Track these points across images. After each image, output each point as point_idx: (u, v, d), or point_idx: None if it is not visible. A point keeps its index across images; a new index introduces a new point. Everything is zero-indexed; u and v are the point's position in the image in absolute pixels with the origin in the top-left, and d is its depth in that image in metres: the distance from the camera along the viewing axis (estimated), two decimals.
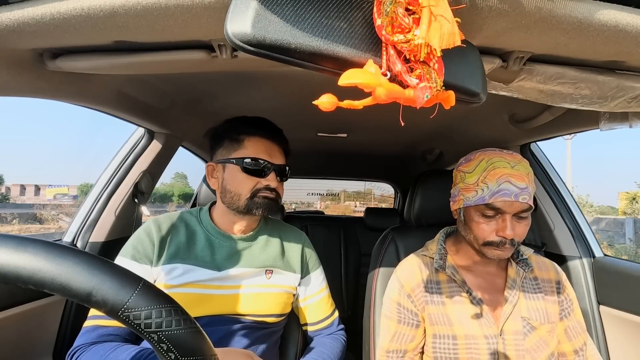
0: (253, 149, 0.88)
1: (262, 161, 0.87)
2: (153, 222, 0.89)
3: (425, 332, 0.92)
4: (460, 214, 0.88)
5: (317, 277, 1.02)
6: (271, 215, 0.94)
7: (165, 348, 0.33)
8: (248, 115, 0.96)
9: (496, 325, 0.85)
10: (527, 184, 0.79)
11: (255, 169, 0.87)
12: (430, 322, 0.91)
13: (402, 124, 0.45)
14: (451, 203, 0.92)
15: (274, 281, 0.92)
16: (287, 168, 0.94)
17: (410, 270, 0.96)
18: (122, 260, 0.83)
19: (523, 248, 0.93)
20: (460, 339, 0.87)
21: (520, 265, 0.89)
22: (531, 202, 0.80)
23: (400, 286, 0.96)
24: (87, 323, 0.77)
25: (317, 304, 1.00)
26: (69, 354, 0.73)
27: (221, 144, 0.91)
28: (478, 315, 0.87)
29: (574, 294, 0.92)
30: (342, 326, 1.04)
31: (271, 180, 0.88)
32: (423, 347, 0.93)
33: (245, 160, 0.86)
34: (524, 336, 0.84)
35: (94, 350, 0.71)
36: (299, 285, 0.99)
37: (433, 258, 0.93)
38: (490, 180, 0.81)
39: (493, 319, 0.86)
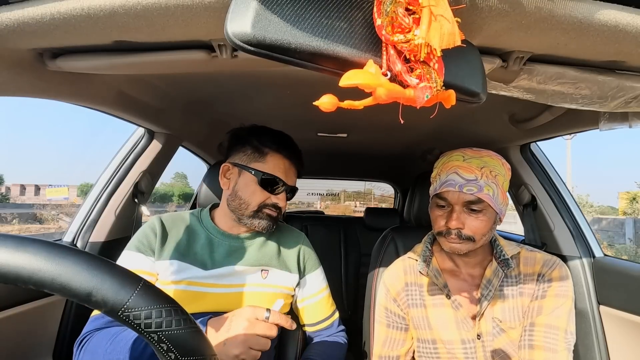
0: (273, 165, 0.91)
1: (278, 179, 0.90)
2: (156, 218, 0.92)
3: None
4: (429, 208, 0.91)
5: (317, 277, 1.02)
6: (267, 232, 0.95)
7: (165, 348, 0.34)
8: (263, 124, 0.99)
9: (474, 329, 0.84)
10: (476, 176, 0.79)
11: (270, 186, 0.90)
12: (414, 326, 0.91)
13: (402, 121, 0.45)
14: None
15: (269, 281, 0.92)
16: (296, 188, 0.99)
17: (395, 275, 0.96)
18: (128, 253, 0.86)
19: (512, 244, 0.90)
20: (439, 343, 0.86)
21: (500, 265, 0.86)
22: (482, 196, 0.78)
23: (386, 291, 0.96)
24: (94, 312, 0.78)
25: (316, 305, 0.99)
26: (78, 341, 0.73)
27: (243, 150, 0.93)
28: (457, 319, 0.86)
29: (566, 294, 0.82)
30: (342, 327, 1.04)
31: (281, 199, 0.92)
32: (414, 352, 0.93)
33: (265, 175, 0.89)
34: (493, 337, 0.83)
35: (104, 333, 0.72)
36: (297, 286, 0.98)
37: (417, 260, 0.93)
38: (442, 172, 0.84)
39: (472, 322, 0.85)
